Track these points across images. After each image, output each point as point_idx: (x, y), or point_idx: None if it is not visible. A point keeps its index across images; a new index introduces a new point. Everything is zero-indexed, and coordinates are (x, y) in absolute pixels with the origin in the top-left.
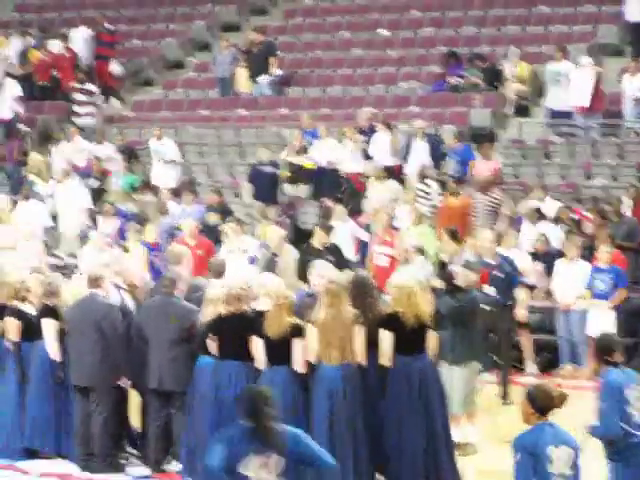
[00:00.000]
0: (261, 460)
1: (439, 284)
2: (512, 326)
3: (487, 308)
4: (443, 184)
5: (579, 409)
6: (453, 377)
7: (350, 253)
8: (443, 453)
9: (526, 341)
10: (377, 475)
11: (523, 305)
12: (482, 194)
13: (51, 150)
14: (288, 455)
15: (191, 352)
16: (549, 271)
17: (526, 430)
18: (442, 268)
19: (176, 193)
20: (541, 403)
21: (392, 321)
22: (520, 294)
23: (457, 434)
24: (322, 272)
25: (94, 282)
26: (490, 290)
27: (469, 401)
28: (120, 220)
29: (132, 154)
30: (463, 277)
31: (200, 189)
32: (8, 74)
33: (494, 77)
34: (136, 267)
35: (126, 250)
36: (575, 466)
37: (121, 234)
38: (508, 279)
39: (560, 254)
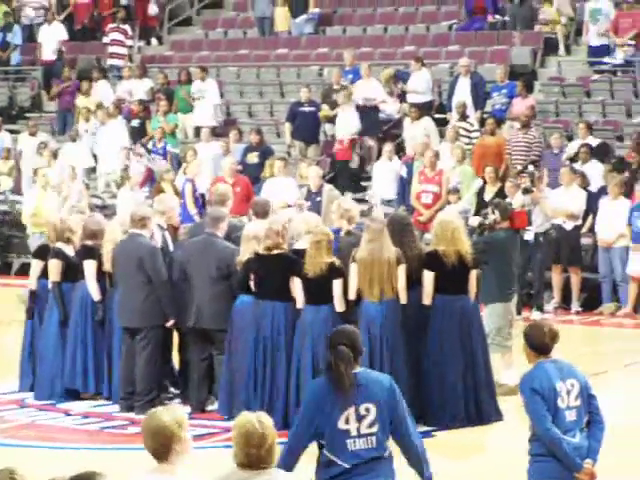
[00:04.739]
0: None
1: (475, 223)
2: None
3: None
4: (485, 122)
5: (619, 347)
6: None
7: (391, 191)
8: (484, 392)
9: (575, 279)
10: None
11: None
12: (521, 132)
13: (92, 91)
14: (381, 405)
15: (231, 291)
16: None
17: (528, 370)
18: (481, 208)
19: (215, 132)
20: (534, 341)
21: (434, 260)
22: None
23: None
24: (348, 208)
25: (138, 222)
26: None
27: (497, 342)
28: (156, 159)
29: (172, 94)
30: (488, 217)
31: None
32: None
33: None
34: (177, 206)
35: (161, 190)
36: (584, 397)
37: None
38: None
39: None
